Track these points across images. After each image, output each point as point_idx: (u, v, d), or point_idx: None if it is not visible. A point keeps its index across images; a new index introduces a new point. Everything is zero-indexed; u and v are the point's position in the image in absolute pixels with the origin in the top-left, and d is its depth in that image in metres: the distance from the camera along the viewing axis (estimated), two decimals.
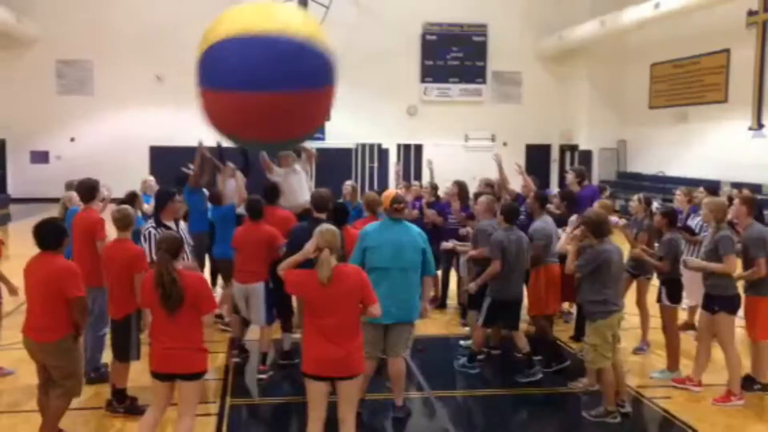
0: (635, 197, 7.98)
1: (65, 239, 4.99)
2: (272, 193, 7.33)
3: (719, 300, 6.10)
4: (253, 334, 7.13)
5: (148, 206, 8.09)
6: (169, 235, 4.82)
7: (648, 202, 7.82)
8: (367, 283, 4.52)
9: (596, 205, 7.19)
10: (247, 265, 6.56)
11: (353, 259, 5.35)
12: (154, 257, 5.39)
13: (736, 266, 6.11)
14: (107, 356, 6.13)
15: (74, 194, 7.00)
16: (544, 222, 7.11)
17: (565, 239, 6.52)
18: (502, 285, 6.59)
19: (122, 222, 5.59)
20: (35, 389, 5.09)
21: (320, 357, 4.35)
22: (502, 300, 6.63)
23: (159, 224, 6.24)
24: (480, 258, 6.91)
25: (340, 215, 6.19)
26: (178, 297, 4.37)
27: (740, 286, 6.24)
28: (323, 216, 6.03)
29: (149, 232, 6.14)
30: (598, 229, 5.70)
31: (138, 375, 5.76)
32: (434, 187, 9.61)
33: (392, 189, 7.67)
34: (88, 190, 6.45)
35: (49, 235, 4.85)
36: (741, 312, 6.27)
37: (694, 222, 8.01)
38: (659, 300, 6.74)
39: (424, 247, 5.61)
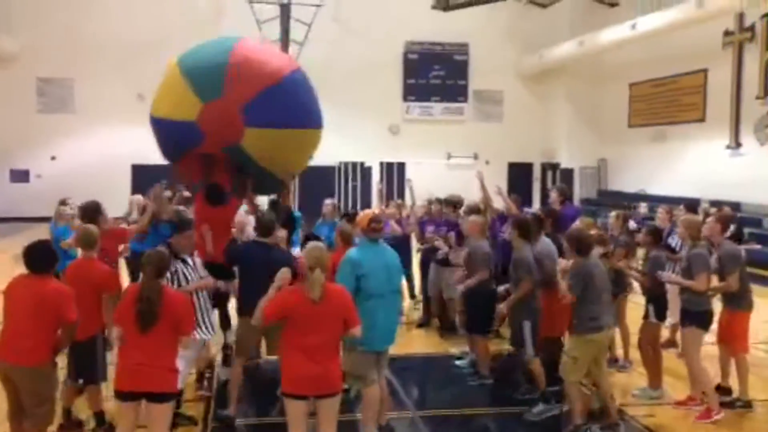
0: (613, 213, 8.16)
1: (55, 263, 4.93)
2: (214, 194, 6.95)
3: (690, 314, 6.17)
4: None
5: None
6: (156, 253, 4.76)
7: (625, 219, 7.93)
8: (352, 304, 4.58)
9: (577, 222, 7.23)
10: None
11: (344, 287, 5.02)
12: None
13: (706, 284, 6.11)
14: None
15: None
16: (544, 243, 6.76)
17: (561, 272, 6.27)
18: (535, 303, 6.37)
19: (86, 240, 5.45)
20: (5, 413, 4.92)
21: (300, 376, 4.36)
22: (537, 318, 6.36)
23: (178, 258, 5.64)
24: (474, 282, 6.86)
25: None
26: (153, 316, 4.33)
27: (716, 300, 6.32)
28: (266, 240, 5.97)
29: (176, 269, 5.50)
30: (582, 246, 5.73)
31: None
32: (430, 203, 9.67)
33: (381, 208, 7.67)
34: (92, 212, 6.35)
35: (40, 258, 4.77)
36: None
37: (674, 241, 8.08)
38: (646, 317, 6.77)
39: (402, 268, 5.67)
